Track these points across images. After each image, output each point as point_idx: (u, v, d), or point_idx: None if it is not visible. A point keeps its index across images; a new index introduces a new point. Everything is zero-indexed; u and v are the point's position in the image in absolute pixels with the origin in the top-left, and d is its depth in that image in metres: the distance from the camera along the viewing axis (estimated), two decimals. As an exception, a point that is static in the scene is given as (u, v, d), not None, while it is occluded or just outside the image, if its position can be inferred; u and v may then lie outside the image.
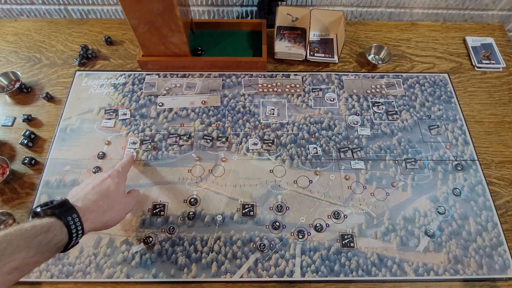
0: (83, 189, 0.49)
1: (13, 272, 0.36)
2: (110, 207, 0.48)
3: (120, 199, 0.51)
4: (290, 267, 0.59)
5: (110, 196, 0.49)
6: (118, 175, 0.53)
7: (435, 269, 0.58)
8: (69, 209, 0.42)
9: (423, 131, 0.73)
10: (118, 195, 0.51)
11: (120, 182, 0.52)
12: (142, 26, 0.70)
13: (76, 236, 0.42)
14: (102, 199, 0.48)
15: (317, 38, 0.86)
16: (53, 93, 0.78)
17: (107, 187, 0.50)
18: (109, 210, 0.48)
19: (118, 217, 0.50)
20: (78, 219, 0.42)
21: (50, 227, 0.40)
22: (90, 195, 0.47)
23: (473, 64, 0.84)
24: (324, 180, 0.67)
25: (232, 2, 0.92)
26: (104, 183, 0.50)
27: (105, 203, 0.48)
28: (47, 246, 0.39)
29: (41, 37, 0.88)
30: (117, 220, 0.50)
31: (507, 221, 0.63)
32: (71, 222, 0.41)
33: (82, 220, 0.43)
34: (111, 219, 0.48)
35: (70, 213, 0.42)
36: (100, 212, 0.47)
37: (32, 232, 0.38)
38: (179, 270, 0.58)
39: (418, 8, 0.93)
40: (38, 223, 0.39)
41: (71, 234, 0.41)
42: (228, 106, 0.76)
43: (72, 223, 0.41)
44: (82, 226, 0.43)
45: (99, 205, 0.47)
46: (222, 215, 0.63)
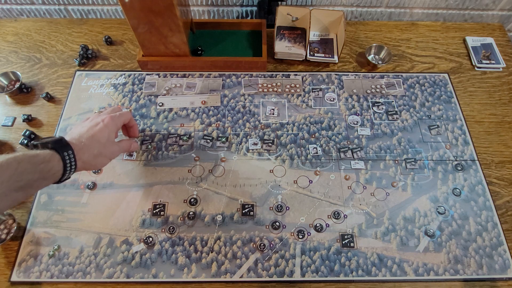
0: (78, 130, 0.53)
1: (19, 191, 0.42)
2: (99, 152, 0.53)
3: (109, 147, 0.55)
4: (290, 267, 0.59)
5: (101, 142, 0.53)
6: (111, 123, 0.56)
7: (435, 269, 0.58)
8: (65, 146, 0.48)
9: (423, 131, 0.73)
10: (108, 143, 0.55)
11: (112, 131, 0.56)
12: (142, 26, 0.70)
13: (70, 170, 0.48)
14: (94, 143, 0.52)
15: (317, 38, 0.86)
16: (53, 93, 0.78)
17: (100, 134, 0.53)
18: (98, 155, 0.53)
19: (104, 162, 0.55)
20: (73, 156, 0.48)
21: (50, 158, 0.45)
22: (84, 137, 0.52)
23: (473, 64, 0.84)
24: (324, 180, 0.67)
25: (232, 2, 0.92)
26: (98, 129, 0.54)
27: (96, 148, 0.52)
28: (47, 174, 0.45)
29: (41, 37, 0.88)
30: (102, 164, 0.56)
31: (507, 221, 0.63)
32: (67, 157, 0.47)
33: (76, 158, 0.48)
34: (98, 162, 0.54)
35: (67, 149, 0.47)
36: (91, 155, 0.51)
37: (37, 159, 0.44)
38: (179, 270, 0.58)
39: (418, 8, 0.93)
40: (41, 153, 0.45)
41: (65, 168, 0.47)
42: (228, 106, 0.76)
43: (68, 158, 0.47)
44: (76, 163, 0.48)
45: (90, 149, 0.51)
46: (222, 215, 0.63)
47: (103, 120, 0.55)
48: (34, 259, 0.59)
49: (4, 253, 0.60)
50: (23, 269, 0.58)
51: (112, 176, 0.67)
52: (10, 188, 0.41)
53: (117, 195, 0.65)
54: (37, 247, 0.60)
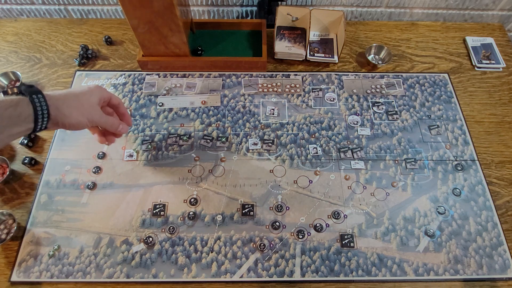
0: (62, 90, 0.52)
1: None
2: (76, 106, 0.50)
3: (88, 106, 0.52)
4: (290, 267, 0.59)
5: (79, 99, 0.51)
6: (96, 89, 0.54)
7: (435, 269, 0.58)
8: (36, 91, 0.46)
9: (423, 131, 0.73)
10: (87, 103, 0.52)
11: (94, 95, 0.53)
12: (142, 26, 0.70)
13: (42, 117, 0.45)
14: (71, 97, 0.50)
15: (317, 38, 0.86)
16: (53, 93, 0.78)
17: (80, 92, 0.52)
18: (74, 108, 0.50)
19: (81, 119, 0.51)
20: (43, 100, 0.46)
21: (18, 102, 0.44)
22: (63, 91, 0.51)
23: (473, 64, 0.84)
24: (324, 180, 0.67)
25: (232, 2, 0.92)
26: (79, 89, 0.53)
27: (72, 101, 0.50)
28: (17, 120, 0.44)
29: (41, 37, 0.88)
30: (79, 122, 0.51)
31: (507, 221, 0.63)
32: (36, 101, 0.45)
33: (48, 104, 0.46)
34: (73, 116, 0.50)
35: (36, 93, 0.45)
36: (65, 105, 0.49)
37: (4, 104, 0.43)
38: (179, 270, 0.58)
39: (418, 8, 0.93)
40: (7, 98, 0.44)
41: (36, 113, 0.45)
42: (228, 106, 0.76)
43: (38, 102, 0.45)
44: (48, 109, 0.46)
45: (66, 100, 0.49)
46: (222, 215, 0.63)
47: (89, 86, 0.54)
48: (34, 259, 0.59)
49: (4, 253, 0.60)
50: (23, 269, 0.58)
51: (112, 176, 0.67)
52: None
53: (117, 195, 0.65)
54: (37, 247, 0.60)
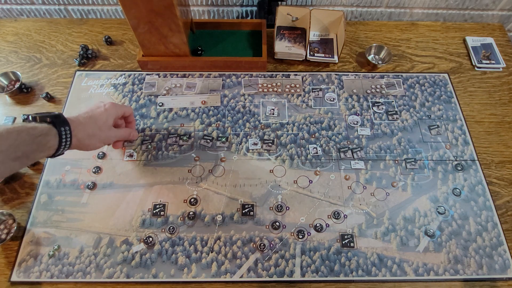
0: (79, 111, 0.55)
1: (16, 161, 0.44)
2: (94, 134, 0.54)
3: (105, 130, 0.56)
4: (290, 267, 0.59)
5: (97, 123, 0.54)
6: (112, 109, 0.57)
7: (435, 269, 0.58)
8: (63, 121, 0.48)
9: (423, 131, 0.73)
10: (104, 126, 0.56)
11: (111, 116, 0.57)
12: (142, 26, 0.70)
13: (64, 146, 0.49)
14: (91, 123, 0.53)
15: (317, 38, 0.86)
16: (53, 93, 0.78)
17: (98, 115, 0.55)
18: (92, 136, 0.54)
19: (97, 144, 0.56)
20: (69, 132, 0.49)
21: (48, 132, 0.46)
22: (82, 116, 0.53)
23: (473, 64, 0.84)
24: (324, 180, 0.67)
25: (232, 2, 0.92)
26: (98, 111, 0.55)
27: (91, 128, 0.53)
28: (43, 147, 0.46)
29: (41, 37, 0.88)
30: (95, 147, 0.56)
31: (507, 221, 0.63)
32: (63, 133, 0.48)
33: (71, 135, 0.49)
34: (92, 143, 0.55)
35: (64, 124, 0.48)
36: (86, 134, 0.52)
37: (36, 132, 0.45)
38: (179, 270, 0.58)
39: (418, 8, 0.93)
40: (39, 126, 0.46)
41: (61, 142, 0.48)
42: (228, 106, 0.76)
43: (64, 134, 0.48)
44: (71, 139, 0.49)
45: (87, 127, 0.53)
46: (222, 215, 0.63)
47: (105, 104, 0.57)
48: (34, 259, 0.59)
49: (4, 253, 0.60)
50: (23, 269, 0.58)
51: (112, 176, 0.67)
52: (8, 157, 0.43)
53: (117, 195, 0.65)
54: (37, 247, 0.60)
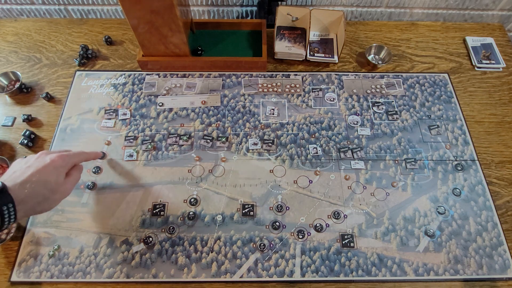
0: (23, 173, 0.48)
1: None
2: (45, 198, 0.48)
3: (58, 190, 0.50)
4: (290, 267, 0.59)
5: (47, 187, 0.48)
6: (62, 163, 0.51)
7: (435, 269, 0.58)
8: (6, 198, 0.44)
9: (423, 131, 0.73)
10: (56, 186, 0.49)
11: (61, 173, 0.51)
12: (142, 26, 0.70)
13: (8, 222, 0.44)
14: (40, 190, 0.47)
15: (317, 38, 0.86)
16: (53, 93, 0.78)
17: (46, 177, 0.48)
18: (43, 201, 0.48)
19: (52, 206, 0.50)
20: (13, 209, 0.44)
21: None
22: (29, 184, 0.46)
23: (473, 64, 0.84)
24: (324, 180, 0.67)
25: (232, 2, 0.92)
26: (45, 172, 0.48)
27: (42, 195, 0.47)
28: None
29: (41, 37, 0.88)
30: (50, 208, 0.50)
31: (507, 221, 0.63)
32: (5, 212, 0.43)
33: (16, 209, 0.44)
34: (44, 209, 0.49)
35: (7, 202, 0.43)
36: (35, 204, 0.47)
37: None
38: (179, 270, 0.58)
39: (418, 8, 0.93)
40: None
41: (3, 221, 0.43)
42: (228, 106, 0.76)
43: (7, 212, 0.43)
44: (15, 215, 0.44)
45: (35, 197, 0.47)
46: (222, 215, 0.63)
47: (53, 161, 0.49)
48: (34, 259, 0.59)
49: (4, 253, 0.60)
50: (23, 269, 0.58)
51: (112, 176, 0.67)
52: None
53: (117, 195, 0.65)
54: (37, 247, 0.60)
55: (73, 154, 0.54)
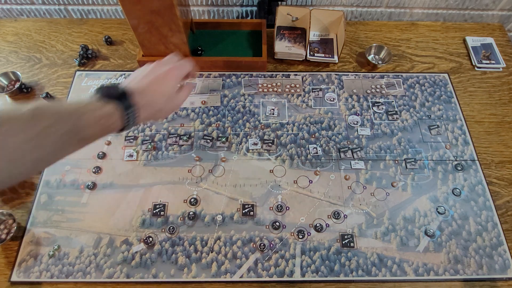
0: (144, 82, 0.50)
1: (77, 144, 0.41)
2: (161, 108, 0.51)
3: (172, 100, 0.53)
4: (290, 267, 0.59)
5: (164, 96, 0.51)
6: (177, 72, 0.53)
7: (435, 269, 0.58)
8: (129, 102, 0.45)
9: (423, 131, 0.73)
10: (171, 96, 0.52)
11: (175, 83, 0.53)
12: (142, 26, 0.70)
13: (128, 126, 0.46)
14: (158, 99, 0.50)
15: (317, 38, 0.86)
16: (53, 93, 0.78)
17: (165, 88, 0.51)
18: (159, 110, 0.51)
19: (166, 114, 0.54)
20: (134, 112, 0.46)
21: (112, 114, 0.43)
22: (149, 93, 0.49)
23: (473, 64, 0.84)
24: (324, 180, 0.67)
25: (232, 2, 0.92)
26: (164, 83, 0.51)
27: (158, 104, 0.50)
28: (106, 129, 0.44)
29: (41, 37, 0.88)
30: (163, 117, 0.56)
31: (507, 221, 0.63)
32: (129, 115, 0.45)
33: (137, 114, 0.46)
34: (160, 116, 0.52)
35: (130, 106, 0.45)
36: (153, 111, 0.49)
37: (99, 114, 0.42)
38: (179, 270, 0.58)
39: (418, 8, 0.93)
40: (106, 108, 0.43)
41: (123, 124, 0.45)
42: (228, 106, 0.76)
43: (129, 116, 0.45)
44: (135, 120, 0.46)
45: (153, 105, 0.49)
46: (222, 215, 0.63)
47: (169, 72, 0.52)
48: (34, 259, 0.59)
49: (4, 253, 0.60)
50: (23, 269, 0.58)
51: (112, 176, 0.67)
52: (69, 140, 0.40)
53: (117, 195, 0.65)
54: (37, 247, 0.60)
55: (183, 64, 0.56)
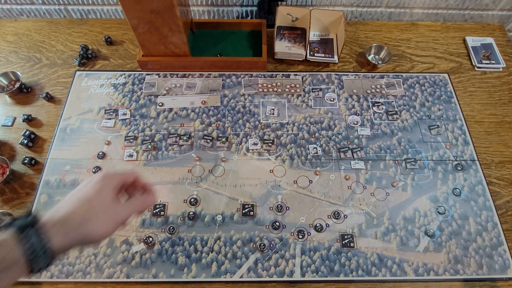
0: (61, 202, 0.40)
1: None
2: (87, 217, 0.38)
3: (106, 208, 0.40)
4: (290, 267, 0.59)
5: (87, 205, 0.39)
6: (102, 180, 0.42)
7: (435, 269, 0.58)
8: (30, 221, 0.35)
9: (423, 131, 0.73)
10: (100, 202, 0.40)
11: (104, 188, 0.41)
12: (142, 26, 0.70)
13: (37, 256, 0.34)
14: (77, 208, 0.39)
15: (317, 38, 0.86)
16: (53, 93, 0.78)
17: (84, 194, 0.40)
18: (86, 222, 0.38)
19: (105, 230, 0.40)
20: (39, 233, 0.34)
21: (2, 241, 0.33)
22: (63, 206, 0.39)
23: (473, 64, 0.84)
24: (324, 180, 0.67)
25: (232, 2, 0.92)
26: (82, 190, 0.41)
27: (81, 213, 0.38)
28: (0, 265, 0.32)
29: (41, 37, 0.88)
30: (102, 233, 0.40)
31: (507, 221, 0.63)
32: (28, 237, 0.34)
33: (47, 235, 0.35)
34: (92, 231, 0.38)
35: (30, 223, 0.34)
36: (74, 224, 0.37)
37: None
38: (179, 270, 0.58)
39: (418, 8, 0.93)
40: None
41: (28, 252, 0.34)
42: (228, 106, 0.76)
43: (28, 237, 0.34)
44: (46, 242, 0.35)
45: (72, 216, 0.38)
46: (222, 215, 0.63)
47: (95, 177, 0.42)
48: (34, 259, 0.59)
49: (4, 253, 0.60)
50: (23, 269, 0.58)
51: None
52: None
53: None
54: (37, 247, 0.60)
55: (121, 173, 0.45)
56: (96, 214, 0.39)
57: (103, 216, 0.40)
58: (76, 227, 0.37)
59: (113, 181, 0.43)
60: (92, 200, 0.40)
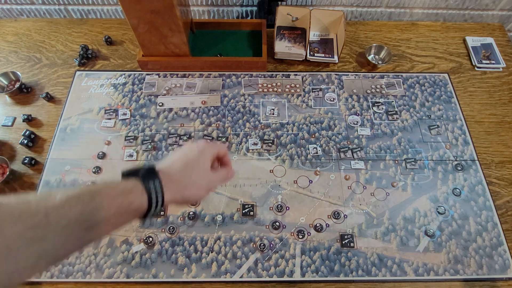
0: (171, 157, 0.46)
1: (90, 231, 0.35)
2: (192, 182, 0.45)
3: (204, 176, 0.47)
4: (290, 267, 0.59)
5: (194, 170, 0.45)
6: (207, 149, 0.48)
7: (435, 269, 0.58)
8: (152, 176, 0.41)
9: (423, 131, 0.73)
10: (202, 171, 0.46)
11: (207, 158, 0.48)
12: (142, 26, 0.70)
13: (156, 205, 0.40)
14: (187, 172, 0.45)
15: (317, 38, 0.86)
16: (53, 93, 0.78)
17: (194, 161, 0.46)
18: (190, 186, 0.45)
19: (200, 193, 0.46)
20: (159, 187, 0.41)
21: (131, 190, 0.38)
22: (176, 165, 0.45)
23: (473, 64, 0.84)
24: (324, 180, 0.67)
25: (232, 2, 0.92)
26: (188, 156, 0.46)
27: (188, 177, 0.44)
28: (126, 209, 0.38)
29: (41, 37, 0.88)
30: (198, 197, 0.46)
31: (507, 221, 0.63)
32: (152, 189, 0.40)
33: (163, 190, 0.41)
34: (192, 194, 0.45)
35: (153, 179, 0.40)
36: (182, 186, 0.44)
37: (115, 191, 0.37)
38: (179, 270, 0.58)
39: (418, 8, 0.93)
40: (122, 184, 0.39)
41: (150, 201, 0.39)
42: (228, 106, 0.76)
43: (154, 190, 0.40)
44: (163, 195, 0.41)
45: (181, 178, 0.44)
46: (222, 215, 0.63)
47: (198, 146, 0.48)
48: (34, 259, 0.59)
49: (4, 253, 0.60)
50: (23, 269, 0.58)
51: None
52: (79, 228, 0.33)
53: (117, 195, 0.65)
54: (37, 247, 0.60)
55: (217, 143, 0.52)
56: (198, 180, 0.45)
57: (203, 182, 0.46)
58: (183, 189, 0.43)
59: (213, 150, 0.48)
60: (197, 167, 0.45)
